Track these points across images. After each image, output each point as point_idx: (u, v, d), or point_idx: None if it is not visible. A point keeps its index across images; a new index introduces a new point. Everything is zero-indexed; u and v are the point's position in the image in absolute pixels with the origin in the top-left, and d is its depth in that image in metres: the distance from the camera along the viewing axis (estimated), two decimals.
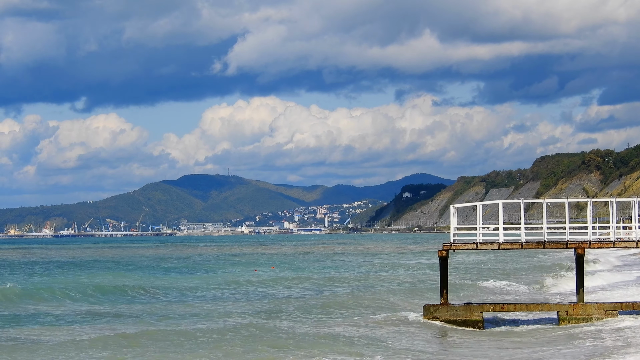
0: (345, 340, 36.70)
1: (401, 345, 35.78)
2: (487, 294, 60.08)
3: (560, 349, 34.34)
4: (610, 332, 37.65)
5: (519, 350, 34.62)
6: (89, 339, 36.48)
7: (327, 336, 37.60)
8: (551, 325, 41.84)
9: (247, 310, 49.68)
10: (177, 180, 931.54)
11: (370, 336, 38.18)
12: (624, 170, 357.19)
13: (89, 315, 47.74)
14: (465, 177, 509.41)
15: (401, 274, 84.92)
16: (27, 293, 59.28)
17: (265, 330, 39.34)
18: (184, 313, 48.68)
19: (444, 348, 36.18)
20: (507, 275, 79.46)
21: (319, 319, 46.01)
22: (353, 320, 44.36)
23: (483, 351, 34.78)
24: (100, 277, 78.86)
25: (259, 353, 33.62)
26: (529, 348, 35.13)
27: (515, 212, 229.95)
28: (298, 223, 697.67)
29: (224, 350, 34.11)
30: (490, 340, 37.94)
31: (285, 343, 35.75)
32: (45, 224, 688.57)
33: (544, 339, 37.75)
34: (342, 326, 41.75)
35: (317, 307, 51.04)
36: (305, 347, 34.75)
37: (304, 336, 37.63)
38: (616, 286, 64.00)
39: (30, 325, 43.43)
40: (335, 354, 33.05)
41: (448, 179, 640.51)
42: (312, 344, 35.31)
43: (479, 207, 43.37)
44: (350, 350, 33.82)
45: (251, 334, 38.21)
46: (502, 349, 35.41)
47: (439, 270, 44.02)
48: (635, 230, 42.99)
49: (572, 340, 36.31)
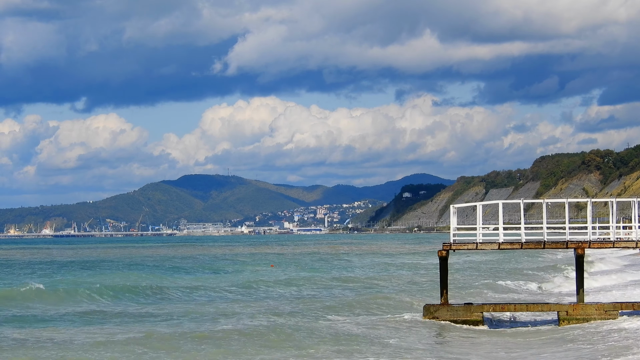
0: (347, 338, 36.78)
1: (401, 344, 35.77)
2: (512, 294, 59.99)
3: (557, 350, 34.28)
4: (608, 333, 37.57)
5: (519, 351, 34.57)
6: (122, 339, 36.49)
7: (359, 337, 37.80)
8: (552, 326, 41.77)
9: (269, 309, 49.85)
10: (177, 180, 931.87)
11: (370, 335, 38.20)
12: (624, 170, 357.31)
13: (120, 316, 47.58)
14: (465, 177, 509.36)
15: (419, 272, 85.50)
16: (55, 293, 59.06)
17: (270, 330, 39.52)
18: (212, 312, 48.87)
19: (443, 348, 36.13)
20: (524, 275, 79.64)
21: (369, 313, 46.04)
22: (356, 319, 44.37)
23: (483, 351, 34.72)
24: (124, 276, 79.04)
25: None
26: (530, 349, 35.07)
27: (515, 212, 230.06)
28: (298, 223, 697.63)
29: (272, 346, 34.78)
30: (490, 341, 37.87)
31: (286, 344, 35.85)
32: (45, 224, 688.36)
33: (543, 339, 37.70)
34: (348, 325, 41.79)
35: (359, 304, 51.63)
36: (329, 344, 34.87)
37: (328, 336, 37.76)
38: (616, 286, 63.97)
39: (62, 325, 43.22)
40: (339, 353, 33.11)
41: (448, 179, 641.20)
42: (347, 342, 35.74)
43: (478, 207, 43.36)
44: (348, 349, 33.88)
45: (261, 333, 38.32)
46: (502, 348, 35.35)
47: (439, 270, 44.02)
48: (635, 230, 42.99)
49: (569, 342, 36.25)
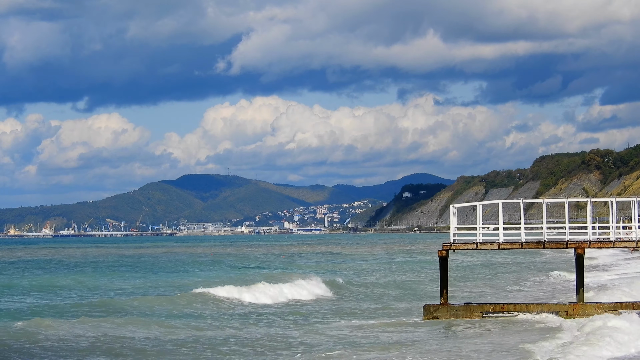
0: (346, 338, 36.78)
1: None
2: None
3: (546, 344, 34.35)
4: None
5: (517, 350, 34.57)
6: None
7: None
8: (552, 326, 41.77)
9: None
10: (177, 180, 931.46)
11: (372, 335, 38.25)
12: (624, 170, 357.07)
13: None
14: (465, 177, 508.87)
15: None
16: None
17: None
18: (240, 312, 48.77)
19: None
20: (524, 275, 79.77)
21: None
22: (360, 320, 44.38)
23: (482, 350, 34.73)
24: (180, 275, 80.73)
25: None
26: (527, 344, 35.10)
27: (515, 212, 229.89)
28: (298, 223, 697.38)
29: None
30: (489, 340, 37.86)
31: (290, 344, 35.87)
32: (45, 224, 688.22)
33: (542, 338, 37.69)
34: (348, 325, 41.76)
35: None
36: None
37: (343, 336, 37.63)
38: (615, 286, 63.94)
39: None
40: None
41: (448, 179, 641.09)
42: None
43: (478, 207, 43.39)
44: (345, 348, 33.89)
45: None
46: (500, 348, 35.34)
47: (439, 270, 44.04)
48: (635, 230, 43.01)
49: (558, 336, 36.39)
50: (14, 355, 32.76)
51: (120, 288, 67.53)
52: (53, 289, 65.95)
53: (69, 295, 60.78)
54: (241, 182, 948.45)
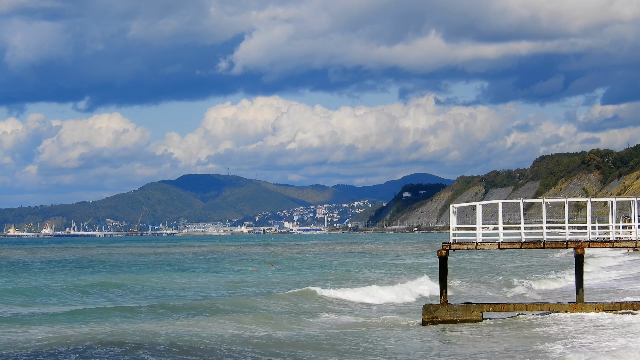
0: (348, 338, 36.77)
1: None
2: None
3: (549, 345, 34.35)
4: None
5: (517, 350, 34.55)
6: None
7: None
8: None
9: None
10: (177, 179, 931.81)
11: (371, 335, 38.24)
12: (624, 170, 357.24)
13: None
14: (464, 177, 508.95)
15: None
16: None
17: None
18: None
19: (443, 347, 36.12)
20: (523, 275, 79.87)
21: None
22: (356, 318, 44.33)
23: (483, 349, 34.71)
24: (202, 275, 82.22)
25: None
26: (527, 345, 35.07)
27: (515, 211, 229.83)
28: (297, 223, 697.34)
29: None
30: (489, 341, 37.84)
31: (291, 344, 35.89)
32: (45, 224, 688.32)
33: (541, 337, 37.67)
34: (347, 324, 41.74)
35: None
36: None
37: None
38: (615, 286, 63.99)
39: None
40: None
41: (448, 179, 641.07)
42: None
43: (478, 207, 43.33)
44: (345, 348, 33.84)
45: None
46: (500, 347, 35.33)
47: (439, 269, 43.99)
48: (635, 230, 42.98)
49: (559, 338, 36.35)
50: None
51: (234, 287, 68.84)
52: (156, 289, 66.90)
53: (181, 295, 61.80)
54: (241, 182, 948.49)
